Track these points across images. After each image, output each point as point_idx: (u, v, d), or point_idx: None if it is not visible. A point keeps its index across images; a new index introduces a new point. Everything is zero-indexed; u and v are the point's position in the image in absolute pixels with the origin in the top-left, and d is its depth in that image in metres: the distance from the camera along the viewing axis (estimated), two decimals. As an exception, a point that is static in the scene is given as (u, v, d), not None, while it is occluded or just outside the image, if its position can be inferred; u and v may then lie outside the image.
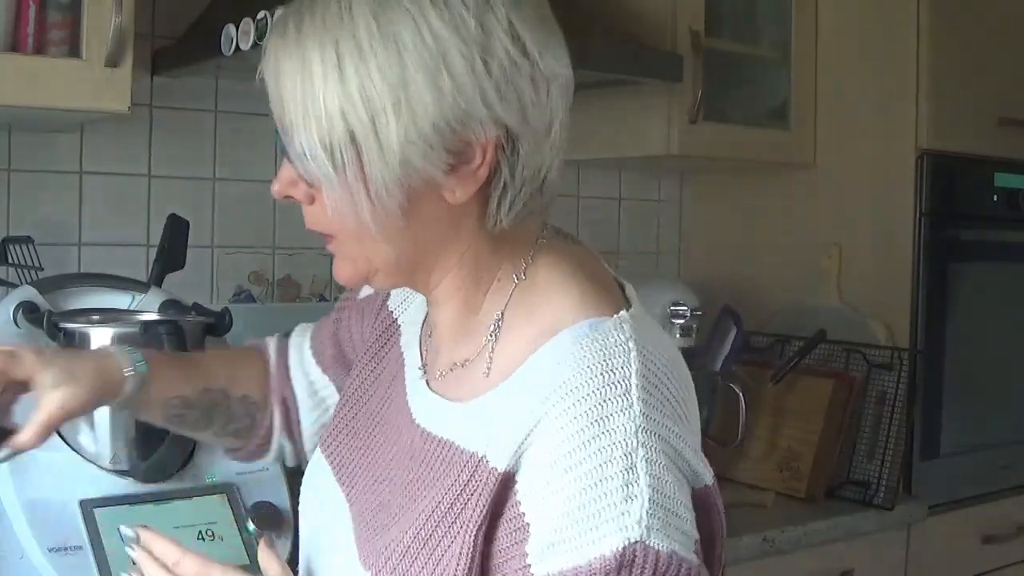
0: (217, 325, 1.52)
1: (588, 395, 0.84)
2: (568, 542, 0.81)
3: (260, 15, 1.56)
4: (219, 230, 1.97)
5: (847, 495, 2.09)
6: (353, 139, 0.85)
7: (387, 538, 0.93)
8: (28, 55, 1.48)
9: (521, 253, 0.95)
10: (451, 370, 0.98)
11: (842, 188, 2.28)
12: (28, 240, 1.63)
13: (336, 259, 0.96)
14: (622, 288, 0.99)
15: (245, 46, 1.60)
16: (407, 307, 1.12)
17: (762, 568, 1.88)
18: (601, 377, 0.84)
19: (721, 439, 2.11)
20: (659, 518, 0.81)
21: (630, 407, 0.84)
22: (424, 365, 1.03)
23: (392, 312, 1.14)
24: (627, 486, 0.81)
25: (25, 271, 1.60)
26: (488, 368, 0.94)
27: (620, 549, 0.80)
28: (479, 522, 0.86)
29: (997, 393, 2.32)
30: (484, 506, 0.86)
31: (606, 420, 0.83)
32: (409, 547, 0.90)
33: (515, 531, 0.85)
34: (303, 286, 2.07)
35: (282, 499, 1.48)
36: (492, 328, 0.95)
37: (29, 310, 1.45)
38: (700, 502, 0.88)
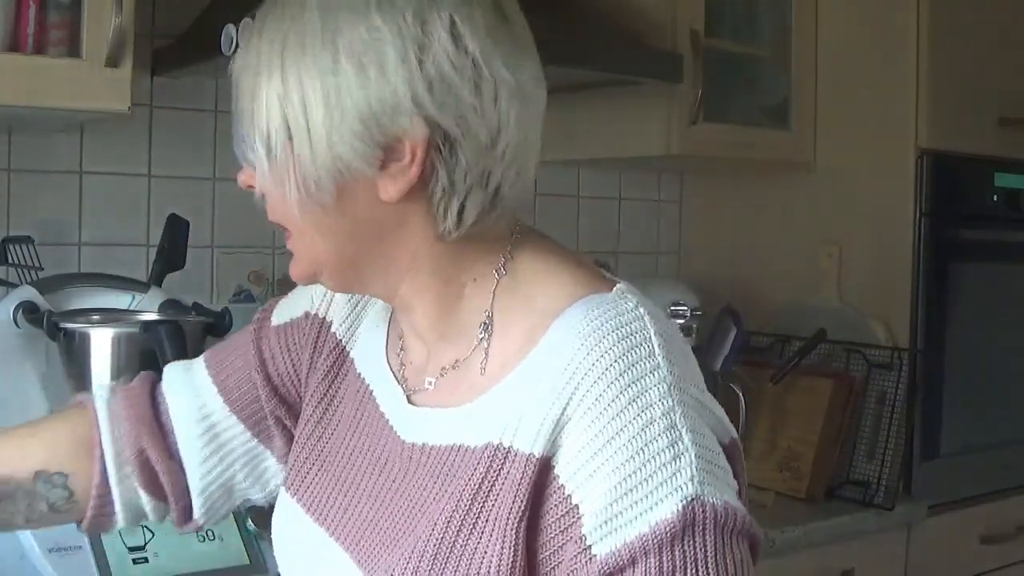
0: (217, 325, 1.52)
1: (614, 362, 0.83)
2: (626, 513, 0.80)
3: (260, 15, 1.56)
4: (219, 230, 1.97)
5: (847, 495, 2.09)
6: (287, 128, 0.86)
7: (401, 551, 0.89)
8: (28, 55, 1.48)
9: (496, 250, 0.93)
10: (441, 376, 0.95)
11: (842, 188, 2.28)
12: (28, 240, 1.63)
13: (293, 256, 0.96)
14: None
15: (245, 46, 1.60)
16: (357, 328, 1.06)
17: (762, 568, 1.87)
18: (623, 343, 0.84)
19: (721, 439, 2.11)
20: (707, 471, 0.82)
21: (658, 367, 0.84)
22: (403, 381, 0.99)
23: (338, 337, 1.07)
24: (673, 445, 0.81)
25: (25, 271, 1.60)
26: (483, 366, 0.92)
27: (680, 509, 0.79)
28: (518, 512, 0.83)
29: (997, 393, 2.32)
30: (518, 495, 0.83)
31: (638, 383, 0.83)
32: (436, 553, 0.86)
33: (563, 517, 0.82)
34: (303, 286, 2.07)
35: (282, 499, 1.48)
36: (483, 327, 0.92)
37: (29, 310, 1.45)
38: (729, 455, 0.88)
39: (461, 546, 0.85)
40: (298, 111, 0.85)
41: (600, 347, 0.84)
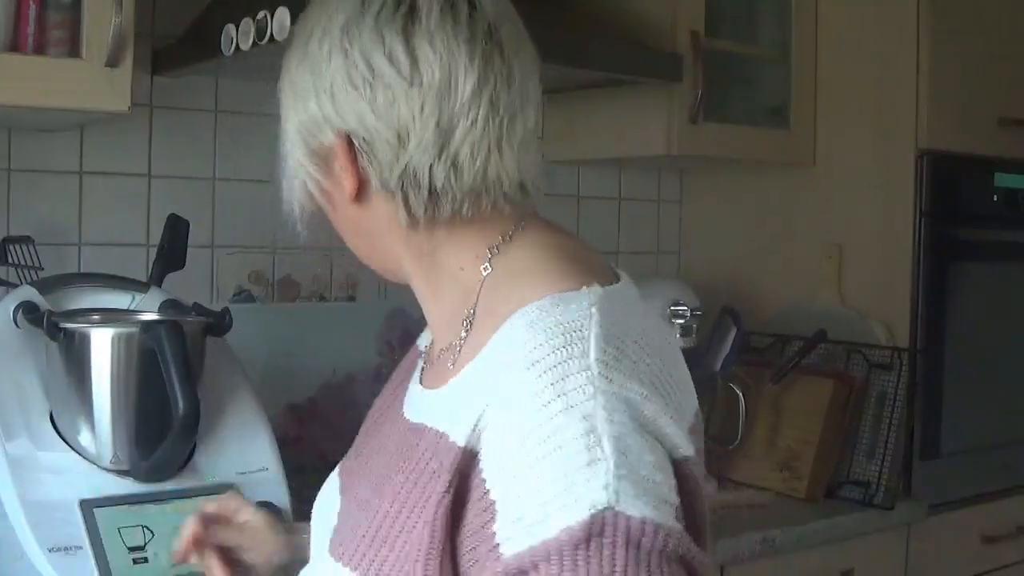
0: (217, 325, 1.52)
1: (542, 359, 0.82)
2: (533, 515, 0.77)
3: (260, 15, 1.56)
4: (219, 230, 1.97)
5: (847, 495, 2.09)
6: (281, 147, 1.04)
7: (358, 528, 0.93)
8: (28, 55, 1.48)
9: (483, 244, 0.95)
10: (436, 360, 1.01)
11: (842, 188, 2.28)
12: (28, 240, 1.63)
13: None
14: (617, 277, 0.97)
15: (245, 46, 1.60)
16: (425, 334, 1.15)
17: (762, 568, 1.88)
18: (556, 340, 0.83)
19: (721, 439, 2.11)
20: (629, 481, 0.77)
21: (587, 369, 0.81)
22: (426, 357, 1.07)
23: (417, 344, 1.19)
24: (589, 450, 0.77)
25: (25, 271, 1.60)
26: (456, 357, 0.95)
27: (588, 518, 0.75)
28: (441, 497, 0.84)
29: (997, 393, 2.32)
30: (446, 482, 0.84)
31: (562, 382, 0.80)
32: (378, 531, 0.89)
33: (482, 512, 0.81)
34: (303, 286, 2.07)
35: (282, 499, 1.48)
36: (466, 322, 0.95)
37: (29, 310, 1.45)
38: (678, 473, 0.84)
39: (399, 527, 0.88)
40: (282, 134, 1.03)
41: (532, 342, 0.83)
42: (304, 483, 1.81)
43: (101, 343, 1.41)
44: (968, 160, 2.23)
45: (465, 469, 0.84)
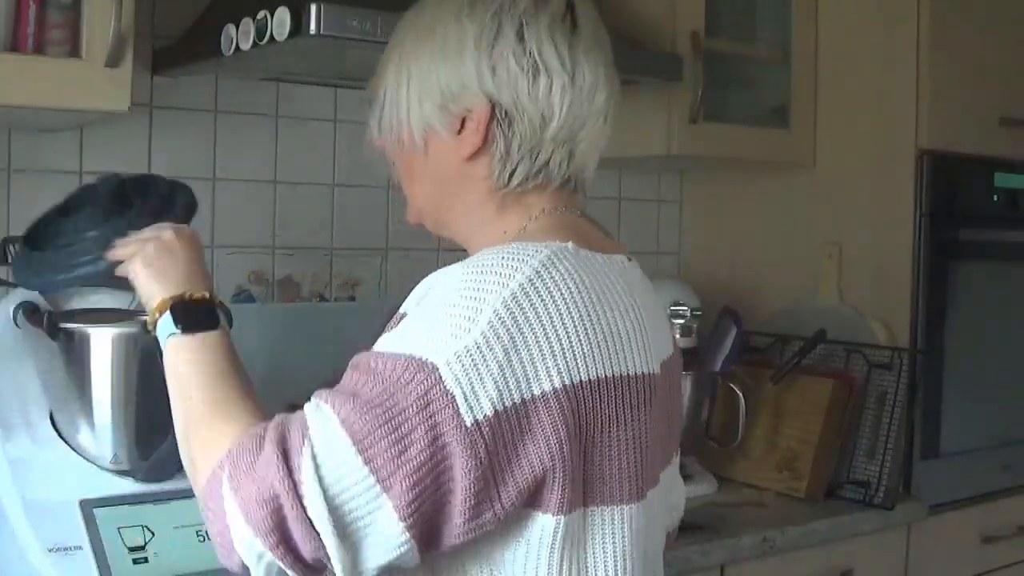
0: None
1: (482, 266, 0.97)
2: (393, 337, 0.96)
3: (260, 15, 1.56)
4: (219, 230, 1.97)
5: (847, 495, 2.09)
6: (395, 94, 1.11)
7: None
8: (28, 55, 1.48)
9: (529, 214, 1.11)
10: None
11: (842, 188, 2.28)
12: (28, 240, 1.62)
13: (407, 204, 1.19)
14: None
15: (245, 46, 1.60)
16: None
17: (762, 568, 1.88)
18: (501, 260, 0.97)
19: (721, 439, 2.12)
20: (465, 365, 0.92)
21: (507, 283, 0.95)
22: None
23: None
24: (460, 327, 0.93)
25: (25, 271, 1.60)
26: None
27: (416, 357, 0.93)
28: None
29: (997, 393, 2.32)
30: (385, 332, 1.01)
31: (483, 284, 0.95)
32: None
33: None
34: (303, 286, 2.07)
35: (282, 499, 1.48)
36: None
37: (29, 310, 1.45)
38: (528, 411, 0.94)
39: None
40: (403, 82, 1.10)
41: (485, 257, 0.98)
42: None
43: (101, 343, 1.41)
44: (968, 160, 2.23)
45: (395, 326, 1.01)
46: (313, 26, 1.49)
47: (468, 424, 0.91)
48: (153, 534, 1.38)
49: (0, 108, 1.49)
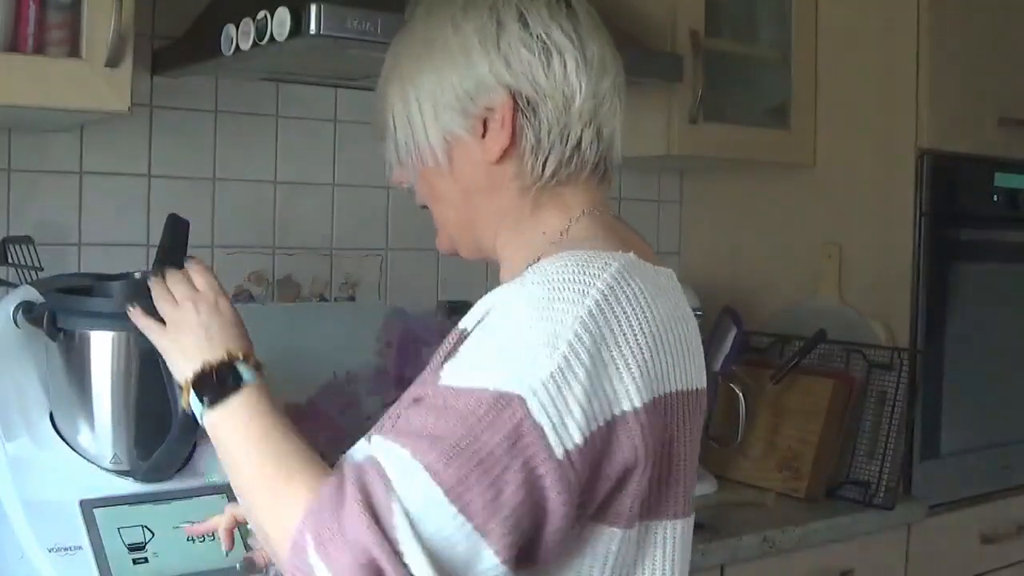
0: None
1: (551, 280, 0.94)
2: (472, 367, 0.92)
3: (260, 15, 1.56)
4: (219, 230, 1.97)
5: (847, 495, 2.09)
6: (405, 116, 1.09)
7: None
8: (28, 55, 1.48)
9: (567, 215, 1.09)
10: None
11: (842, 188, 2.28)
12: (28, 240, 1.62)
13: (437, 231, 1.17)
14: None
15: (245, 46, 1.60)
16: None
17: (762, 568, 1.88)
18: (572, 273, 0.94)
19: (721, 439, 2.12)
20: (551, 395, 0.88)
21: (583, 299, 0.92)
22: None
23: None
24: (541, 352, 0.89)
25: (25, 271, 1.60)
26: None
27: (501, 391, 0.88)
28: (435, 366, 0.98)
29: (997, 393, 2.32)
30: (442, 356, 0.99)
31: (556, 301, 0.92)
32: (399, 404, 1.03)
33: (450, 354, 0.97)
34: (303, 286, 2.07)
35: (282, 499, 1.48)
36: (529, 267, 1.04)
37: (29, 310, 1.45)
38: (610, 432, 0.91)
39: (409, 393, 1.02)
40: (411, 103, 1.08)
41: (553, 270, 0.95)
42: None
43: (101, 343, 1.41)
44: (968, 160, 2.23)
45: (456, 344, 0.98)
46: (313, 26, 1.49)
47: (559, 456, 0.88)
48: (153, 534, 1.38)
49: (0, 108, 1.49)
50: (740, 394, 2.06)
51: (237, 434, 1.04)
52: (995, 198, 2.30)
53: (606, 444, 0.91)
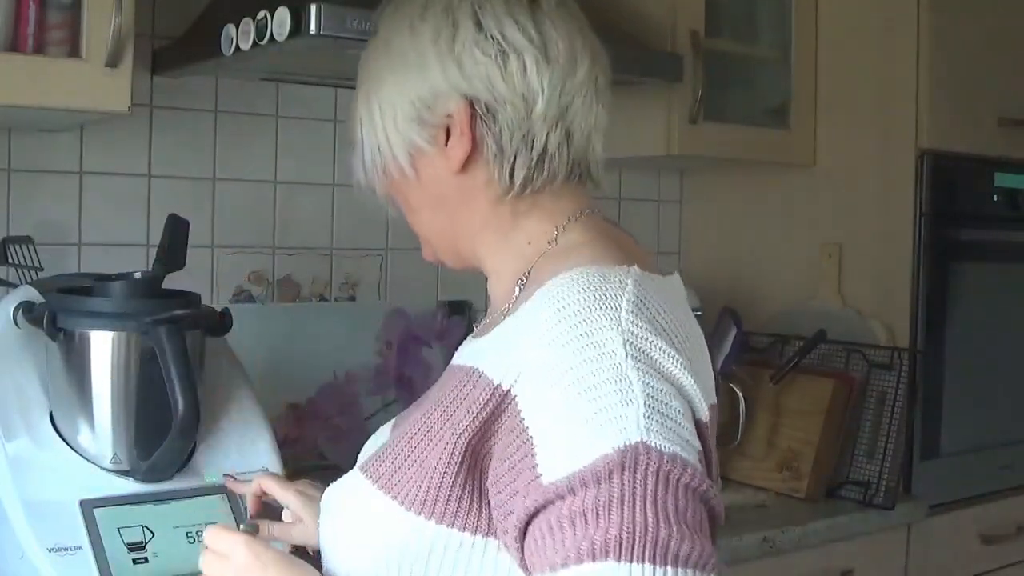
0: (217, 325, 1.52)
1: (578, 311, 0.89)
2: (571, 447, 0.84)
3: (260, 15, 1.56)
4: (219, 230, 1.97)
5: (847, 495, 2.09)
6: (370, 127, 1.05)
7: (386, 446, 1.02)
8: (28, 55, 1.48)
9: (552, 222, 1.05)
10: (488, 320, 1.08)
11: (842, 188, 2.28)
12: (28, 240, 1.63)
13: (421, 243, 1.14)
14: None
15: (245, 46, 1.60)
16: None
17: (762, 568, 1.88)
18: (592, 298, 0.90)
19: (721, 439, 2.11)
20: (657, 422, 0.85)
21: (618, 324, 0.89)
22: (477, 327, 1.13)
23: None
24: (620, 392, 0.85)
25: (25, 271, 1.60)
26: (507, 310, 1.03)
27: (621, 448, 0.82)
28: (465, 427, 0.92)
29: (997, 393, 2.32)
30: (473, 414, 0.92)
31: (594, 333, 0.88)
32: (401, 450, 0.98)
33: (520, 446, 0.88)
34: (303, 286, 2.07)
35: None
36: (520, 281, 1.04)
37: (29, 310, 1.45)
38: (697, 432, 0.90)
39: (420, 448, 0.97)
40: (374, 110, 1.04)
41: (571, 297, 0.90)
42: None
43: (101, 343, 1.41)
44: (968, 160, 2.23)
45: (499, 407, 0.91)
46: (313, 26, 1.49)
47: (700, 465, 0.86)
48: (153, 534, 1.38)
49: (0, 108, 1.49)
50: (740, 394, 2.06)
51: None
52: (995, 198, 2.30)
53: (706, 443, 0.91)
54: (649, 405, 0.85)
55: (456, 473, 0.92)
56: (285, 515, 1.28)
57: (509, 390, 0.91)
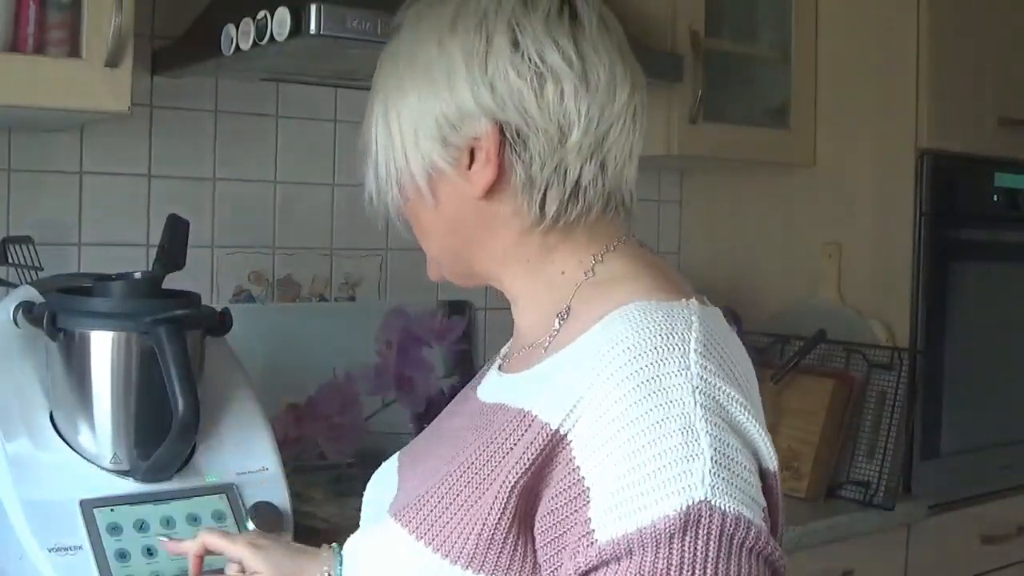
0: (217, 325, 1.52)
1: (643, 353, 0.84)
2: (631, 503, 0.80)
3: (260, 15, 1.56)
4: (219, 230, 1.97)
5: (847, 495, 2.09)
6: (386, 141, 0.98)
7: (423, 495, 0.94)
8: (28, 55, 1.48)
9: (587, 252, 0.98)
10: (519, 353, 1.02)
11: (842, 188, 2.28)
12: (28, 240, 1.62)
13: (428, 261, 1.07)
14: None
15: (245, 46, 1.60)
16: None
17: (762, 568, 1.88)
18: (659, 338, 0.85)
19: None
20: (723, 479, 0.80)
21: (687, 368, 0.84)
22: (505, 356, 1.07)
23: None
24: (687, 445, 0.81)
25: (25, 271, 1.60)
26: (548, 344, 0.96)
27: (684, 508, 0.79)
28: (520, 474, 0.86)
29: (997, 393, 2.32)
30: (528, 460, 0.86)
31: (661, 379, 0.83)
32: (442, 498, 0.91)
33: (574, 497, 0.83)
34: (303, 286, 2.07)
35: (282, 499, 1.48)
36: (560, 317, 0.97)
37: (29, 310, 1.45)
38: (765, 486, 0.87)
39: (464, 497, 0.89)
40: (392, 123, 0.97)
41: (635, 338, 0.85)
42: (304, 483, 1.82)
43: (101, 343, 1.41)
44: (968, 160, 2.23)
45: (552, 451, 0.86)
46: (313, 26, 1.49)
47: (765, 523, 0.83)
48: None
49: (0, 108, 1.49)
50: (740, 394, 2.06)
51: None
52: (995, 198, 2.30)
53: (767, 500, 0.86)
54: (716, 460, 0.81)
55: (509, 524, 0.86)
56: (229, 569, 1.12)
57: (565, 435, 0.85)
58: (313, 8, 1.49)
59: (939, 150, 2.18)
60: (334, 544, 1.08)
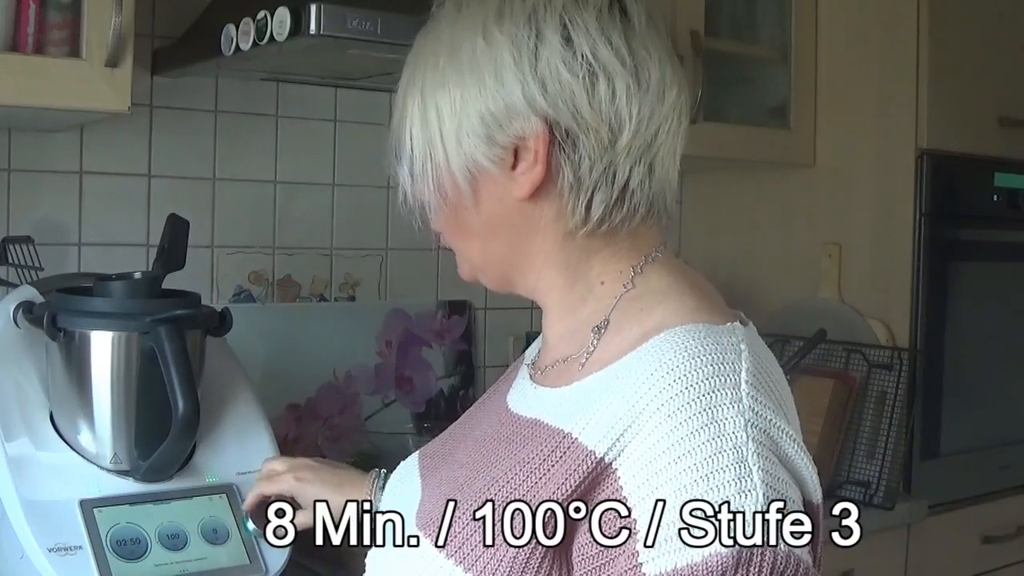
0: (217, 325, 1.52)
1: (695, 384, 0.82)
2: (681, 537, 0.78)
3: (260, 15, 1.56)
4: (219, 230, 1.97)
5: (847, 495, 2.09)
6: (423, 136, 0.94)
7: (448, 504, 0.92)
8: (28, 55, 1.48)
9: (627, 261, 0.96)
10: (552, 367, 0.99)
11: (842, 188, 2.28)
12: (28, 240, 1.63)
13: (457, 257, 1.03)
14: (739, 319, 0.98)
15: (245, 46, 1.60)
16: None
17: (762, 568, 1.88)
18: (710, 368, 0.83)
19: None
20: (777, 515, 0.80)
21: (738, 402, 0.82)
22: (533, 364, 1.05)
23: (524, 355, 1.14)
24: (740, 480, 0.79)
25: (25, 271, 1.60)
26: (585, 360, 0.94)
27: (736, 546, 0.78)
28: (561, 499, 0.84)
29: (997, 393, 2.32)
30: (571, 486, 0.84)
31: (713, 411, 0.81)
32: (474, 515, 0.89)
33: (619, 528, 0.82)
34: (303, 286, 2.07)
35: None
36: (597, 330, 0.94)
37: (29, 310, 1.45)
38: (810, 517, 0.85)
39: (500, 513, 0.87)
40: (431, 119, 0.92)
41: (686, 366, 0.83)
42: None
43: (101, 343, 1.41)
44: (968, 160, 2.23)
45: (596, 479, 0.84)
46: (313, 26, 1.49)
47: (811, 560, 0.82)
48: (153, 534, 1.38)
49: (0, 108, 1.49)
50: (740, 394, 2.06)
51: None
52: (995, 198, 2.30)
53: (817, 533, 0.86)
54: (768, 497, 0.79)
55: (545, 549, 0.84)
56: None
57: (611, 463, 0.83)
58: (313, 8, 1.49)
59: (939, 150, 2.18)
60: (383, 469, 1.15)
